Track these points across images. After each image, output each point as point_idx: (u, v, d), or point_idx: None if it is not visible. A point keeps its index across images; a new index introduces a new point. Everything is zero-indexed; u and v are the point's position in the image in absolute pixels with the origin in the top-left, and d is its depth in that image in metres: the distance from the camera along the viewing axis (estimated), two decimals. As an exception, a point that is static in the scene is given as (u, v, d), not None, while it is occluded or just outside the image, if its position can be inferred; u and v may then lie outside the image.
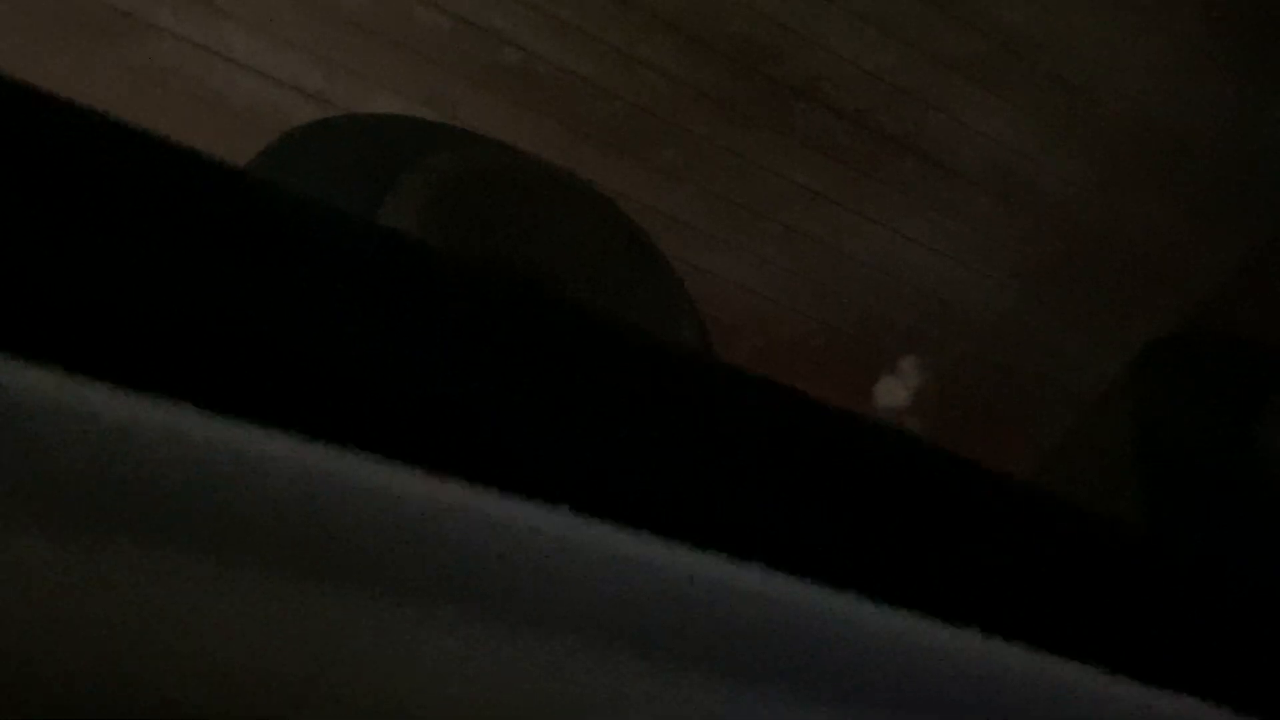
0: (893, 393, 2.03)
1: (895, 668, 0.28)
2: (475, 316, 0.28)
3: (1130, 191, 2.05)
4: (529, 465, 0.25)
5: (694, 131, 1.87)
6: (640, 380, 0.30)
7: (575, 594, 0.25)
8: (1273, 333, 2.04)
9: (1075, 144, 2.00)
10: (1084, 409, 2.11)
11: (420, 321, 0.26)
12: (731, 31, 1.82)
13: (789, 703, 0.27)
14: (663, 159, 1.88)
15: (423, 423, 0.25)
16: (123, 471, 0.21)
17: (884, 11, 1.85)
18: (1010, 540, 0.33)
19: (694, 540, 0.26)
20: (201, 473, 0.22)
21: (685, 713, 0.26)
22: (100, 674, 0.22)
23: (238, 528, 0.22)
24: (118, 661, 0.22)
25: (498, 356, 0.27)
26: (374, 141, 1.08)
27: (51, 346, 0.21)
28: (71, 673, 0.21)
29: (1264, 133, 2.04)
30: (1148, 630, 0.32)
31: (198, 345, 0.23)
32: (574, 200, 1.06)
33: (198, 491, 0.22)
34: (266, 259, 0.26)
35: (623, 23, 1.78)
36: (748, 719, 0.27)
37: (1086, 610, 0.31)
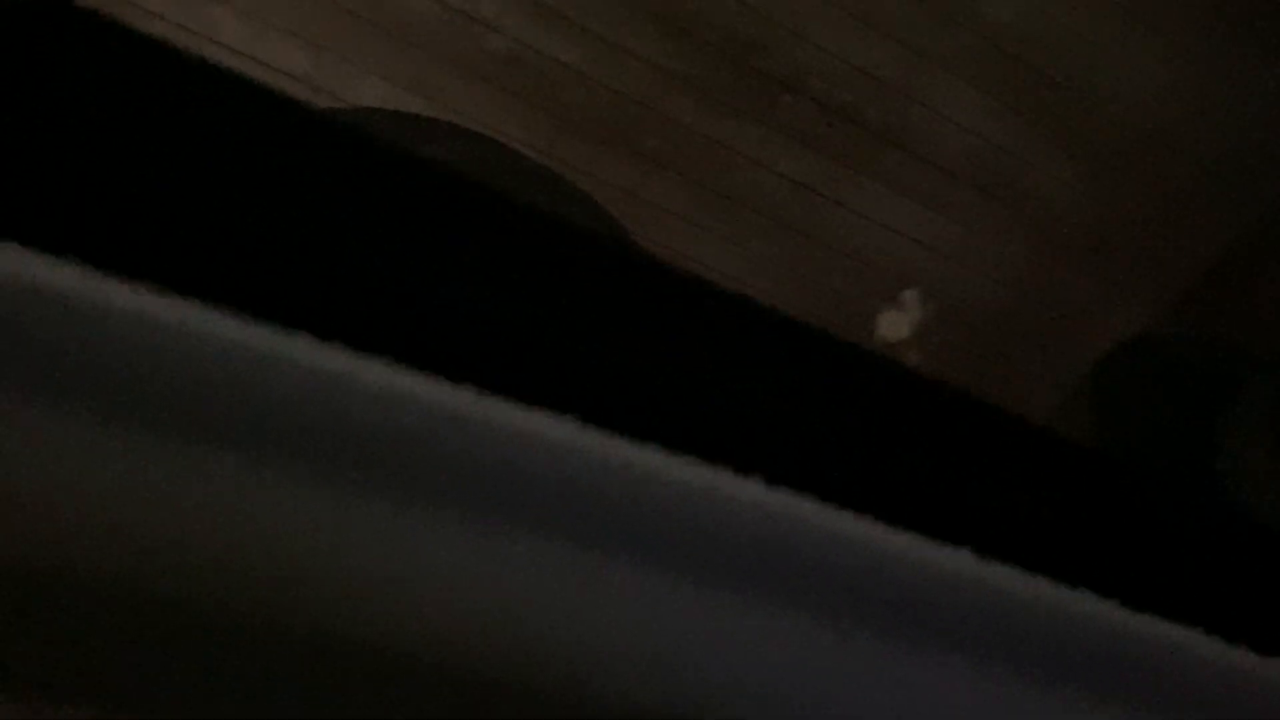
0: (895, 325, 2.04)
1: (890, 585, 0.29)
2: (491, 232, 0.29)
3: (1112, 186, 2.07)
4: (536, 375, 0.26)
5: (678, 121, 1.89)
6: (654, 303, 0.32)
7: (579, 504, 0.26)
8: (1242, 330, 2.06)
9: (1058, 139, 2.02)
10: (1050, 411, 2.13)
11: (434, 236, 0.28)
12: (718, 23, 1.83)
13: (778, 615, 0.28)
14: (647, 147, 1.89)
15: (436, 331, 0.26)
16: (141, 366, 0.23)
17: (871, 7, 1.86)
18: (1006, 466, 0.34)
19: (698, 453, 0.27)
20: (220, 371, 0.23)
21: (679, 621, 0.28)
22: (84, 553, 0.23)
23: (254, 425, 0.24)
24: (104, 542, 0.23)
25: (512, 271, 0.28)
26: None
27: (75, 244, 0.23)
28: (57, 548, 0.23)
29: (1247, 128, 2.06)
30: (1141, 558, 0.34)
31: (213, 244, 0.24)
32: (553, 193, 1.08)
33: (212, 387, 0.23)
34: (279, 172, 0.27)
35: (609, 11, 1.78)
36: (739, 629, 0.28)
37: (1079, 536, 0.33)
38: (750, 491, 0.28)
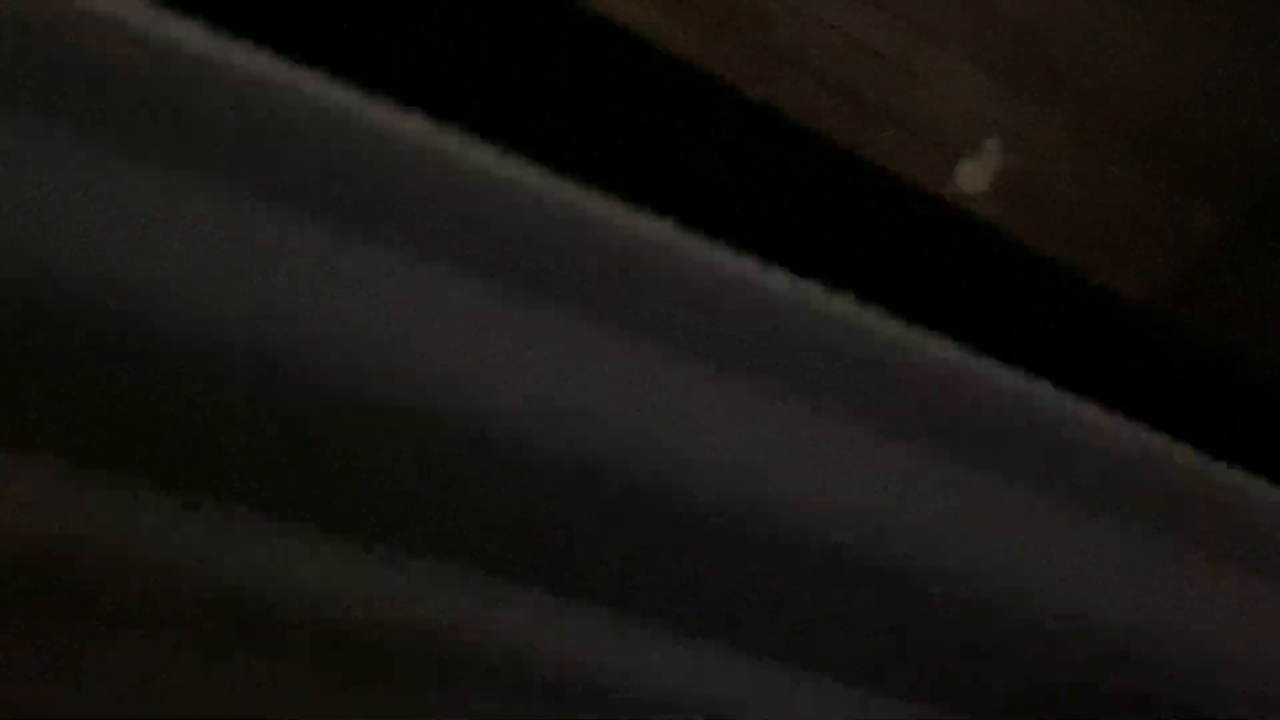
0: (973, 177, 2.03)
1: (933, 394, 0.30)
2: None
3: (1107, 167, 2.08)
4: (626, 178, 0.27)
5: (680, 92, 1.89)
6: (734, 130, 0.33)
7: (640, 293, 0.27)
8: (1231, 321, 2.07)
9: (1055, 120, 2.03)
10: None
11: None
12: (721, -6, 1.83)
13: (796, 407, 0.29)
14: (648, 116, 1.89)
15: (568, 130, 0.27)
16: (268, 130, 0.23)
17: (872, -18, 1.87)
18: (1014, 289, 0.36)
19: (766, 257, 0.28)
20: (354, 146, 0.24)
21: (708, 406, 0.29)
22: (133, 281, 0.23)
23: (372, 202, 0.25)
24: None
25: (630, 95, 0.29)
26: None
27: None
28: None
29: (1243, 110, 2.07)
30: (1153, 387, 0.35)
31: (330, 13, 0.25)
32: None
33: (341, 157, 0.24)
34: None
35: (614, -22, 1.79)
36: (760, 424, 0.29)
37: (1091, 356, 0.34)
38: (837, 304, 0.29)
